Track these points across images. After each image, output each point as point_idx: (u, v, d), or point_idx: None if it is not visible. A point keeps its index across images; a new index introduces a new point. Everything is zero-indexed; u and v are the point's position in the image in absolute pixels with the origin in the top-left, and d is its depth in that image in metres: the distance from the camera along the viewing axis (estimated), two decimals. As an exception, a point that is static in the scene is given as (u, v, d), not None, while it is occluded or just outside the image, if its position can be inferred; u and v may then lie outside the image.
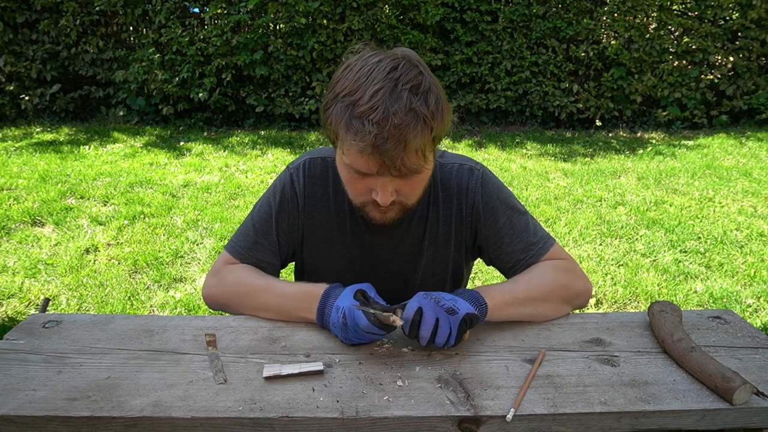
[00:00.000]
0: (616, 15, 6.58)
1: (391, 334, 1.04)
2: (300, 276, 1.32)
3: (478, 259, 1.35)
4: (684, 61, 6.79)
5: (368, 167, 0.95)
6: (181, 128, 6.51)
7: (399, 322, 0.93)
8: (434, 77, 0.96)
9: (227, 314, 1.17)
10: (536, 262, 1.17)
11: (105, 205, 4.07)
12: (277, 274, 1.23)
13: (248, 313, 1.12)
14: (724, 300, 2.86)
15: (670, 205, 4.22)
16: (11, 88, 6.32)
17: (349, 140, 0.92)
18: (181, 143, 5.83)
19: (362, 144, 0.90)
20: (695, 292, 2.96)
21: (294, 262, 1.34)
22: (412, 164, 0.94)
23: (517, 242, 1.18)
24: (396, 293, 1.21)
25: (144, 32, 6.53)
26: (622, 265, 3.26)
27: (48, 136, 5.98)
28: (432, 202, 1.20)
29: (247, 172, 4.93)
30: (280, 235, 1.20)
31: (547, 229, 4.01)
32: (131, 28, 6.60)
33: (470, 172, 1.20)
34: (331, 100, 0.95)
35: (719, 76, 6.82)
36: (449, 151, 1.29)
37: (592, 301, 2.87)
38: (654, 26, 6.66)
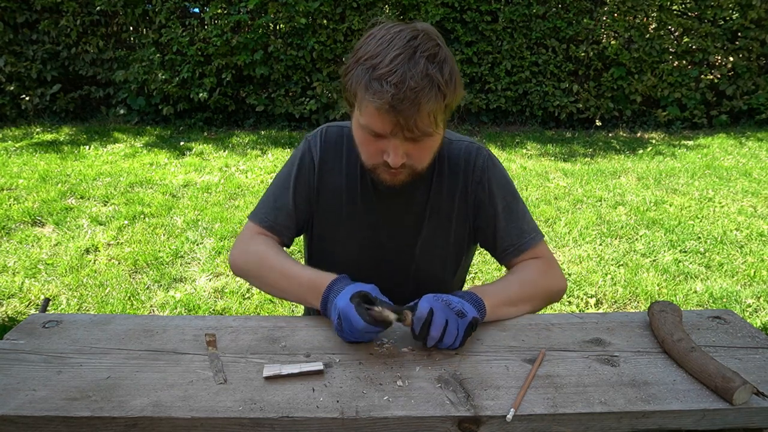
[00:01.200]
0: (616, 15, 6.57)
1: (392, 335, 1.05)
2: (309, 242, 1.35)
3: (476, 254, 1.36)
4: (684, 61, 6.79)
5: (383, 127, 1.00)
6: (181, 128, 6.51)
7: (392, 317, 0.93)
8: (450, 52, 1.01)
9: (227, 314, 1.18)
10: (526, 250, 1.24)
11: (105, 205, 4.07)
12: (291, 241, 1.29)
13: (263, 288, 1.21)
14: (724, 300, 2.86)
15: (670, 205, 4.22)
16: (11, 88, 6.32)
17: (367, 99, 0.97)
18: (181, 143, 5.84)
19: (380, 102, 0.95)
20: (695, 292, 2.96)
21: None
22: (424, 126, 0.99)
23: (512, 226, 1.24)
24: (397, 265, 1.26)
25: (144, 32, 6.53)
26: (622, 265, 3.27)
27: (48, 136, 5.98)
28: (437, 173, 1.23)
29: (247, 172, 4.93)
30: (297, 199, 1.25)
31: (547, 230, 4.02)
32: (131, 28, 6.60)
33: (478, 151, 1.25)
34: (353, 64, 1.00)
35: (719, 76, 6.82)
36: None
37: (592, 301, 2.88)
38: (654, 26, 6.66)
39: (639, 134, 6.72)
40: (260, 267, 1.18)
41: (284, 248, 1.27)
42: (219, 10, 6.29)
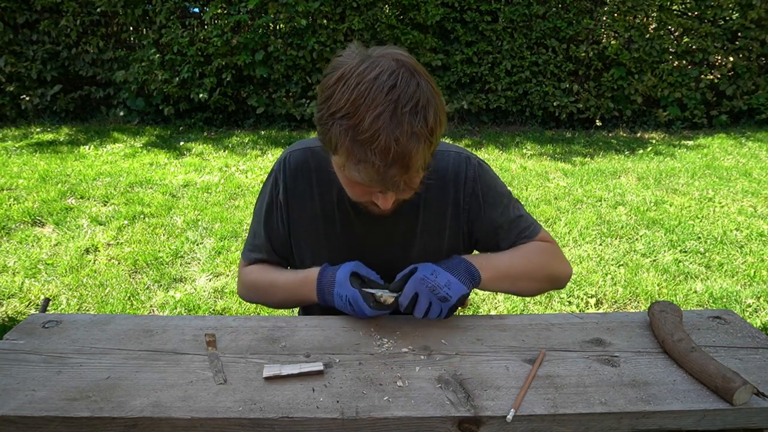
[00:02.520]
0: (616, 15, 6.57)
1: (392, 335, 1.05)
2: (294, 265, 1.34)
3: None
4: (684, 61, 6.79)
5: (371, 187, 0.97)
6: (181, 128, 6.51)
7: (390, 301, 1.04)
8: (429, 79, 0.93)
9: (227, 314, 1.19)
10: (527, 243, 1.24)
11: (105, 205, 4.07)
12: (283, 264, 1.32)
13: (272, 305, 1.31)
14: (724, 300, 2.86)
15: (670, 205, 4.22)
16: (11, 88, 6.32)
17: (352, 166, 0.91)
18: (181, 143, 5.83)
19: (366, 175, 0.91)
20: (695, 292, 2.96)
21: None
22: (414, 181, 0.96)
23: (512, 229, 1.23)
24: (388, 281, 1.22)
25: (144, 32, 6.53)
26: (622, 265, 3.26)
27: (48, 136, 5.98)
28: (424, 189, 1.18)
29: (247, 172, 4.93)
30: (271, 237, 1.27)
31: (547, 230, 4.02)
32: (131, 28, 6.60)
33: (467, 161, 1.21)
34: (328, 117, 0.90)
35: (719, 76, 6.82)
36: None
37: (592, 301, 2.88)
38: (654, 26, 6.66)
39: (639, 134, 6.72)
40: (258, 291, 1.28)
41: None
42: (219, 10, 6.29)
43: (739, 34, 6.64)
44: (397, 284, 1.07)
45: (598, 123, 6.89)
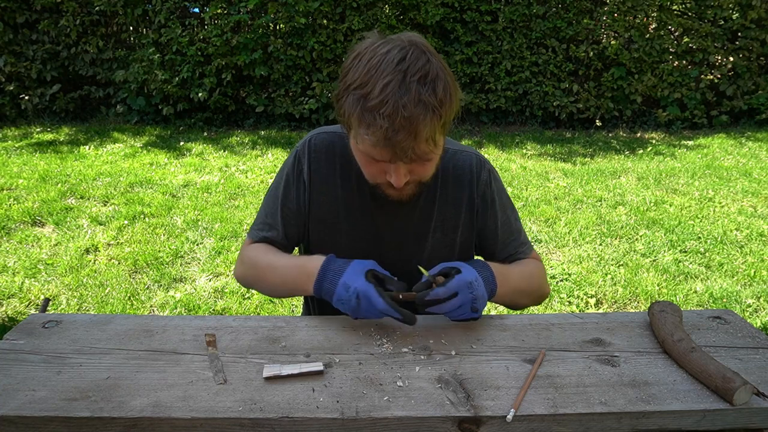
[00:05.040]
0: (616, 15, 6.58)
1: (392, 335, 1.05)
2: (307, 253, 1.32)
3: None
4: (684, 61, 6.79)
5: (382, 156, 0.98)
6: (181, 128, 6.51)
7: (410, 297, 1.01)
8: (442, 61, 0.97)
9: (227, 314, 1.18)
10: (521, 260, 1.28)
11: (105, 205, 4.07)
12: (289, 250, 1.29)
13: (264, 289, 1.24)
14: (724, 300, 2.86)
15: (670, 205, 4.22)
16: (11, 88, 6.32)
17: (362, 132, 0.96)
18: (181, 143, 5.83)
19: (374, 138, 0.94)
20: (695, 292, 2.96)
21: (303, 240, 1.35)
22: (423, 151, 0.97)
23: (513, 239, 1.28)
24: (401, 275, 1.21)
25: (144, 32, 6.53)
26: (622, 265, 3.26)
27: (48, 136, 5.98)
28: (441, 184, 1.21)
29: (247, 172, 4.93)
30: (284, 216, 1.24)
31: (546, 229, 4.02)
32: (131, 28, 6.60)
33: (482, 164, 1.24)
34: (343, 91, 0.97)
35: (719, 76, 6.82)
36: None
37: (592, 301, 2.88)
38: (654, 26, 6.66)
39: (639, 134, 6.72)
40: (254, 269, 1.22)
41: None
42: (219, 10, 6.29)
43: (739, 34, 6.64)
44: (437, 277, 1.06)
45: (598, 123, 6.90)
